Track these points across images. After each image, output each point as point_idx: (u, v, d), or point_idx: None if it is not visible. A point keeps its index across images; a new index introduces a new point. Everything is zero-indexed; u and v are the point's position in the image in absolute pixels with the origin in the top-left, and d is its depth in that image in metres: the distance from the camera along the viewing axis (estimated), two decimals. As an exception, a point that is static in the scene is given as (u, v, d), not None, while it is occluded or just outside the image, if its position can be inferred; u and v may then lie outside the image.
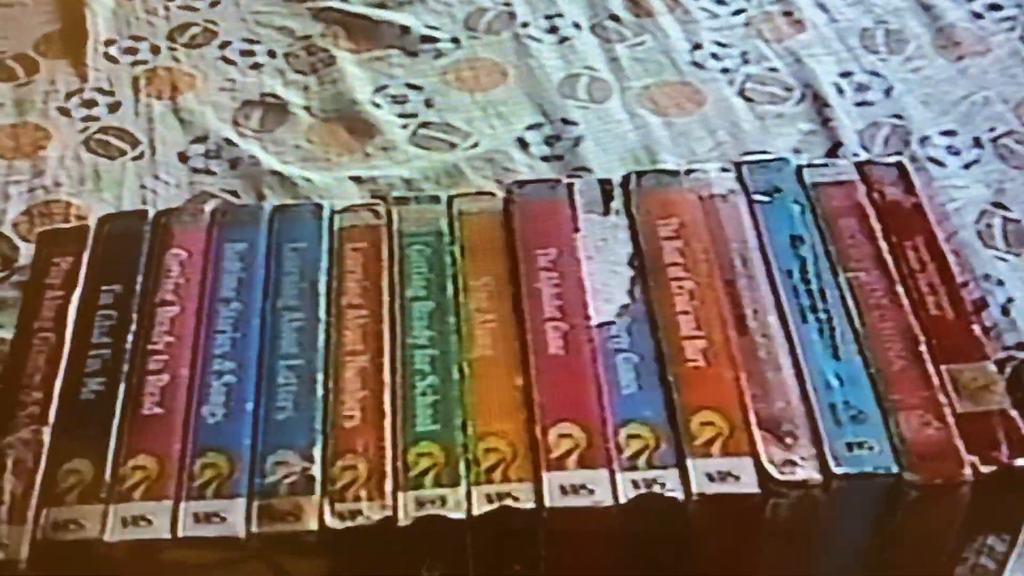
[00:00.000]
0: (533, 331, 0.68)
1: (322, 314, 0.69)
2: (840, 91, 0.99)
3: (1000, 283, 0.84)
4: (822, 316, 0.68)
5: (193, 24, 1.09)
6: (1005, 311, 0.83)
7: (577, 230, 0.73)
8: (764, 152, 0.93)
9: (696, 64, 1.02)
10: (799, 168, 0.76)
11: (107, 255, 0.73)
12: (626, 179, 0.76)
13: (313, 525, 0.60)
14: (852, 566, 0.66)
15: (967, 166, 0.93)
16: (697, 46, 1.04)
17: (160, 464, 0.63)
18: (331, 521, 0.60)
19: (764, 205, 0.74)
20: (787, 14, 1.07)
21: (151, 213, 0.75)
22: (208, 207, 0.75)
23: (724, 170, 0.76)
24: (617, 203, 0.74)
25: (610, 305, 0.69)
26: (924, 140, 0.95)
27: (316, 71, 1.02)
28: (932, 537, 0.64)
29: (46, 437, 0.64)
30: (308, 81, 1.01)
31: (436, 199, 0.76)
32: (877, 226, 0.73)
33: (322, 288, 0.70)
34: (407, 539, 0.60)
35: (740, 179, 0.75)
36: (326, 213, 0.75)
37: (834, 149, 0.94)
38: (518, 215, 0.74)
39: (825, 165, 0.76)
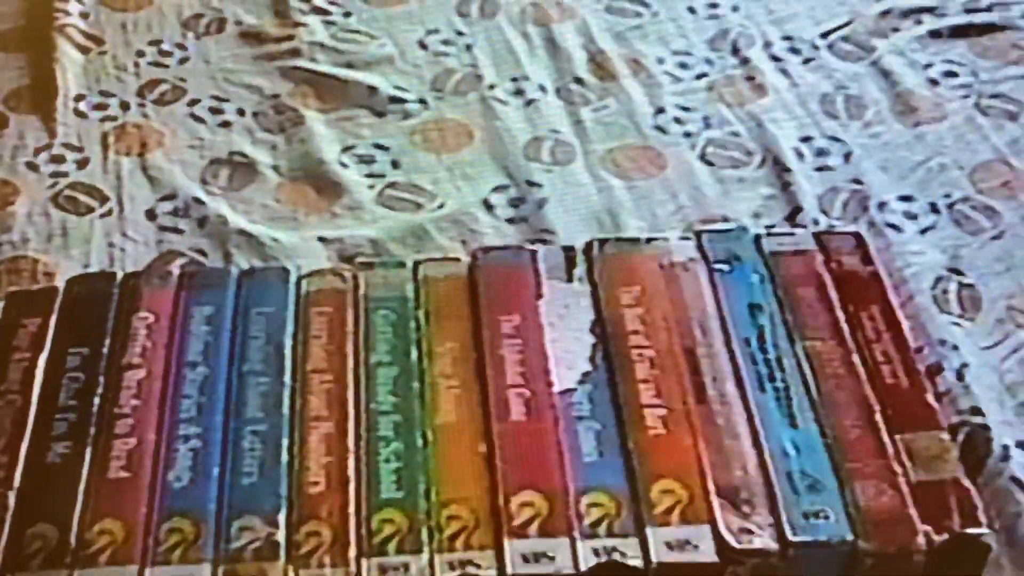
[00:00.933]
0: (496, 397, 0.69)
1: (287, 379, 0.70)
2: (800, 156, 1.01)
3: (955, 348, 0.86)
4: (779, 385, 0.70)
5: (163, 81, 1.09)
6: (960, 376, 0.84)
7: (540, 296, 0.74)
8: (724, 217, 0.95)
9: (659, 128, 1.04)
10: (758, 237, 0.78)
11: (75, 317, 0.74)
12: (589, 246, 0.77)
13: (277, 591, 0.61)
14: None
15: (923, 231, 0.95)
16: (660, 110, 1.06)
17: (126, 528, 0.63)
18: (295, 587, 0.61)
19: (724, 274, 0.75)
20: (749, 78, 1.09)
21: (119, 275, 0.76)
22: (175, 269, 0.76)
23: (684, 238, 0.78)
24: (580, 270, 0.76)
25: (572, 372, 0.70)
26: (882, 205, 0.97)
27: (284, 130, 1.03)
28: (891, 605, 0.66)
29: (11, 501, 0.64)
30: (276, 140, 1.02)
31: (402, 264, 0.77)
32: (834, 295, 0.75)
33: (287, 352, 0.72)
34: (370, 606, 0.61)
35: (700, 247, 0.77)
36: (293, 277, 0.76)
37: (793, 214, 0.96)
38: (482, 281, 0.75)
39: (784, 234, 0.78)
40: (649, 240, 0.78)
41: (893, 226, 0.96)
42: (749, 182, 0.99)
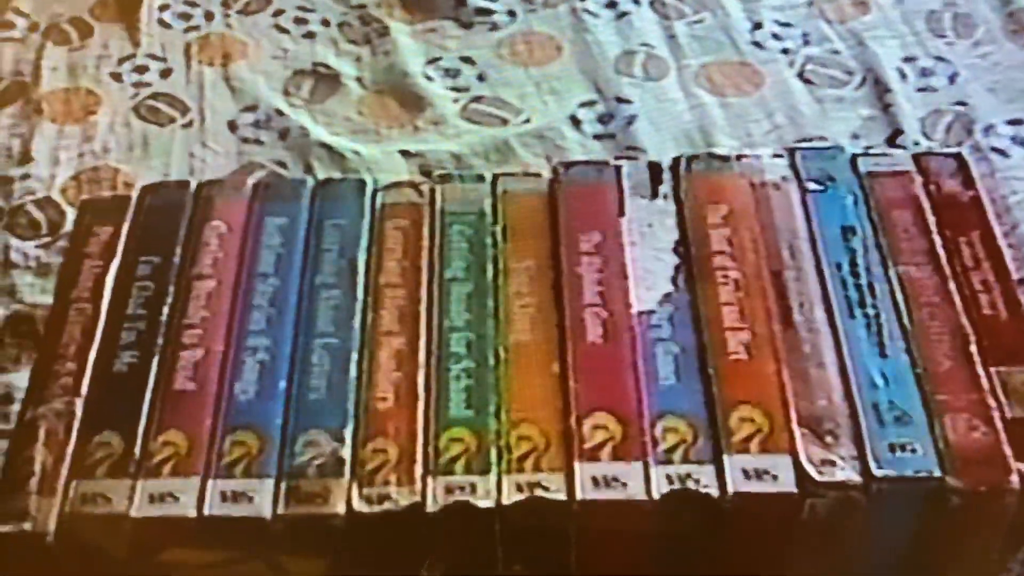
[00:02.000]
0: (572, 317, 0.66)
1: (360, 293, 0.68)
2: (903, 76, 0.96)
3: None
4: (870, 312, 0.66)
5: (248, -10, 1.08)
6: (1065, 310, 0.80)
7: (623, 214, 0.71)
8: (821, 138, 0.91)
9: (756, 44, 1.00)
10: (854, 157, 0.74)
11: (147, 226, 0.72)
12: (676, 163, 0.74)
13: (341, 509, 0.59)
14: (891, 571, 0.65)
15: (1032, 157, 0.91)
16: (758, 25, 1.01)
17: (190, 441, 0.62)
18: (359, 505, 0.59)
19: (816, 194, 0.72)
20: (852, -7, 1.04)
21: (193, 184, 0.74)
22: (251, 180, 0.74)
23: (777, 156, 0.74)
24: (665, 187, 0.73)
25: (653, 293, 0.67)
26: (988, 129, 0.92)
27: (369, 41, 1.01)
28: (975, 546, 0.62)
29: (78, 409, 0.64)
30: (361, 52, 1.00)
31: (481, 178, 0.74)
32: (932, 219, 0.70)
33: (361, 266, 0.69)
34: (435, 526, 0.60)
35: (793, 166, 0.73)
36: (368, 190, 0.74)
37: (894, 136, 0.91)
38: (563, 197, 0.72)
39: (881, 155, 0.74)
40: (739, 157, 0.74)
41: (999, 151, 0.91)
42: (848, 102, 0.95)
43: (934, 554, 0.63)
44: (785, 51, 0.99)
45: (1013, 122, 0.93)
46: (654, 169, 0.74)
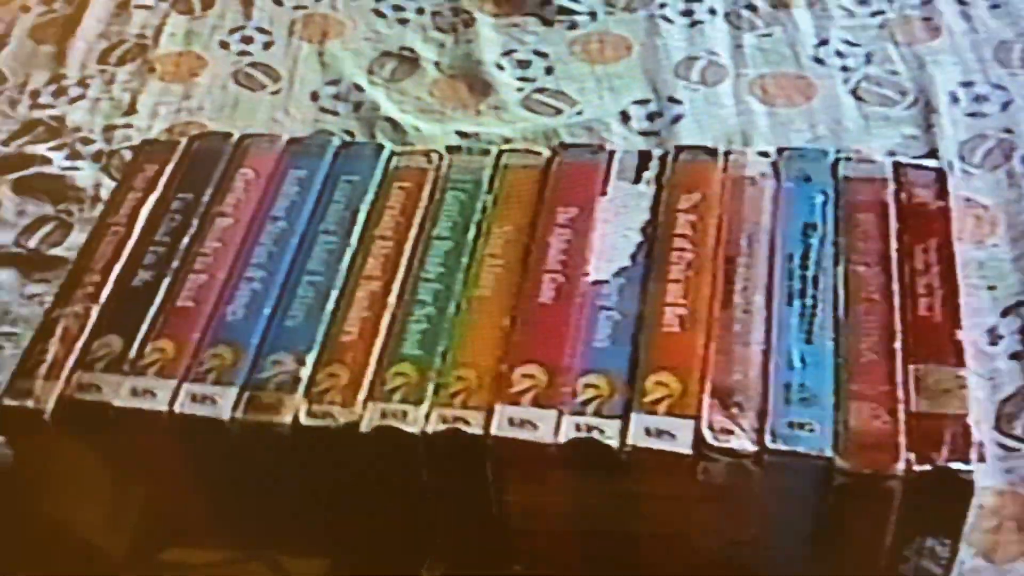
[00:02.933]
0: (532, 280, 0.72)
1: (353, 240, 0.76)
2: (955, 100, 0.98)
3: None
4: (808, 302, 0.70)
5: (358, -26, 1.17)
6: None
7: (604, 193, 0.77)
8: (857, 151, 0.94)
9: (817, 60, 1.03)
10: (836, 161, 0.77)
11: (188, 167, 0.82)
12: (666, 153, 0.79)
13: (288, 420, 0.67)
14: (798, 557, 0.68)
15: (1065, 186, 0.91)
16: (824, 42, 1.05)
17: (177, 348, 0.71)
18: (304, 418, 0.67)
19: (789, 191, 0.76)
20: (926, 19, 1.06)
21: (235, 136, 0.83)
22: (285, 136, 0.83)
23: (762, 154, 0.79)
24: (650, 174, 0.78)
25: (611, 265, 0.73)
26: (1028, 156, 0.93)
27: (455, 30, 1.09)
28: (868, 530, 0.65)
29: (94, 313, 0.73)
30: (445, 39, 1.08)
31: (487, 151, 0.81)
32: (894, 225, 0.74)
33: (361, 218, 0.77)
34: (367, 445, 0.67)
35: (774, 165, 0.77)
36: (385, 153, 0.81)
37: (928, 156, 0.94)
38: (554, 174, 0.78)
39: (862, 160, 0.77)
40: (728, 153, 0.78)
41: (1034, 178, 0.92)
42: (894, 121, 0.98)
43: (831, 536, 0.66)
44: (844, 68, 1.02)
45: (1054, 152, 0.94)
46: (643, 156, 0.79)
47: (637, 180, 0.78)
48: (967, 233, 0.89)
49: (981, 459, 0.64)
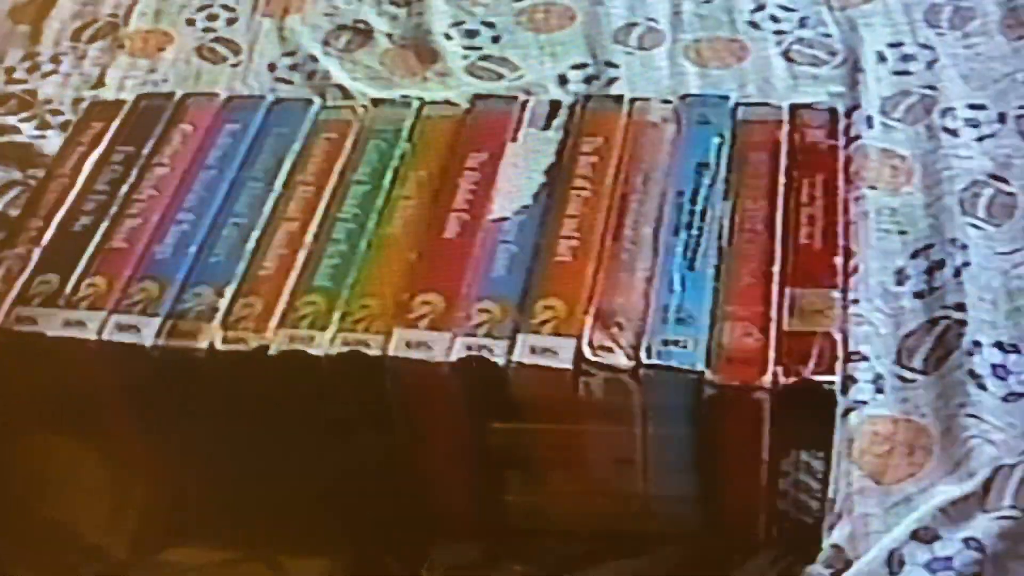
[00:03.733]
0: (438, 218, 0.77)
1: (277, 185, 0.81)
2: (882, 59, 1.02)
3: (963, 247, 0.86)
4: (694, 233, 0.74)
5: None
6: (957, 273, 0.85)
7: (515, 140, 0.81)
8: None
9: (752, 24, 1.07)
10: (736, 106, 0.81)
11: (132, 124, 0.87)
12: (575, 102, 0.84)
13: (204, 345, 0.72)
14: (683, 477, 0.72)
15: (981, 139, 0.94)
16: (760, 7, 1.09)
17: (108, 283, 0.76)
18: (219, 344, 0.72)
19: (686, 134, 0.80)
20: (863, -16, 1.10)
21: (178, 95, 0.89)
22: (224, 94, 0.88)
23: (665, 101, 0.83)
24: (559, 121, 0.82)
25: (513, 204, 0.77)
26: (947, 111, 0.97)
27: (409, 3, 1.14)
28: (745, 446, 0.69)
29: (35, 255, 0.79)
30: (399, 12, 1.13)
31: (408, 104, 0.86)
32: (784, 162, 0.77)
33: (286, 166, 0.82)
34: (275, 367, 0.72)
35: (675, 110, 0.81)
36: (314, 108, 0.86)
37: (849, 112, 0.97)
38: (469, 123, 0.83)
39: (760, 104, 0.81)
40: (634, 100, 0.83)
41: (950, 131, 0.96)
42: (821, 79, 1.02)
43: (710, 452, 0.70)
44: (778, 32, 1.06)
45: (974, 106, 0.97)
46: (553, 105, 0.83)
47: (547, 127, 0.82)
48: (883, 182, 0.93)
49: (846, 369, 0.68)
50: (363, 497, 0.76)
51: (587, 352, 0.68)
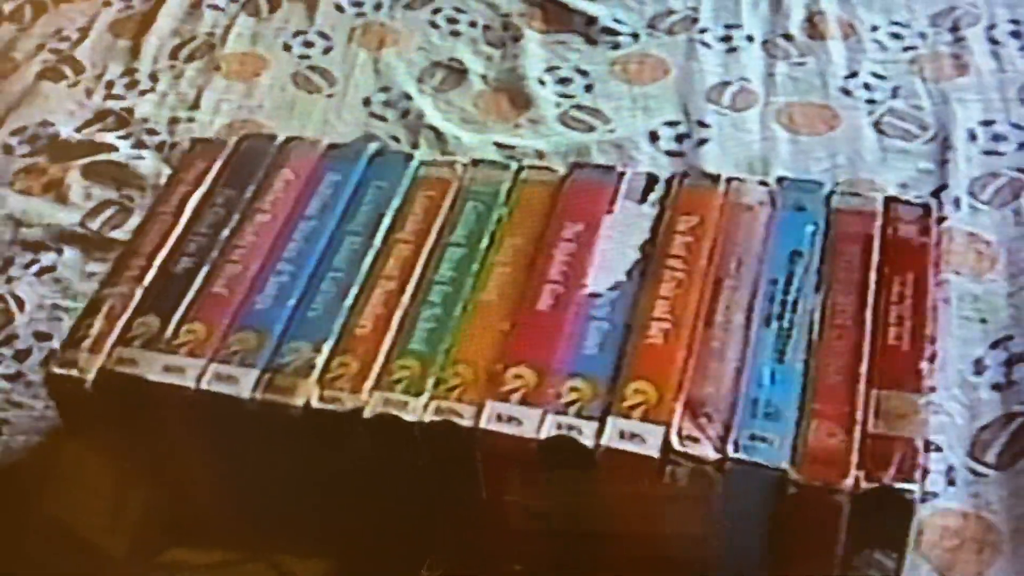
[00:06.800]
0: (532, 288, 0.78)
1: (377, 241, 0.83)
2: (973, 137, 1.02)
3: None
4: (785, 324, 0.75)
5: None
6: (1040, 367, 0.86)
7: (611, 212, 0.83)
8: (871, 182, 0.98)
9: (845, 91, 1.08)
10: (830, 193, 0.82)
11: (234, 165, 0.89)
12: (672, 177, 0.85)
13: (300, 402, 0.74)
14: (754, 561, 0.73)
15: (1068, 228, 0.95)
16: (853, 74, 1.09)
17: (208, 331, 0.78)
18: (315, 401, 0.74)
19: (782, 220, 0.81)
20: (955, 56, 1.10)
21: (280, 138, 0.90)
22: (326, 141, 0.90)
23: (762, 183, 0.84)
24: (655, 195, 0.84)
25: (608, 279, 0.79)
26: (1036, 196, 0.97)
27: (504, 45, 1.15)
28: (820, 541, 0.71)
29: (137, 294, 0.81)
30: (493, 53, 1.14)
31: (506, 166, 0.87)
32: (876, 256, 0.78)
33: (386, 222, 0.84)
34: (369, 430, 0.73)
35: (771, 194, 0.82)
36: (415, 163, 0.88)
37: (938, 190, 0.98)
38: (566, 190, 0.85)
39: (855, 194, 0.82)
40: (730, 180, 0.84)
41: (1039, 217, 0.96)
42: (912, 155, 1.02)
43: (785, 543, 0.71)
44: (870, 101, 1.07)
45: (1064, 192, 0.98)
46: (650, 179, 0.85)
47: (642, 201, 0.83)
48: (967, 267, 0.94)
49: (926, 477, 0.69)
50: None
51: (675, 441, 0.70)
